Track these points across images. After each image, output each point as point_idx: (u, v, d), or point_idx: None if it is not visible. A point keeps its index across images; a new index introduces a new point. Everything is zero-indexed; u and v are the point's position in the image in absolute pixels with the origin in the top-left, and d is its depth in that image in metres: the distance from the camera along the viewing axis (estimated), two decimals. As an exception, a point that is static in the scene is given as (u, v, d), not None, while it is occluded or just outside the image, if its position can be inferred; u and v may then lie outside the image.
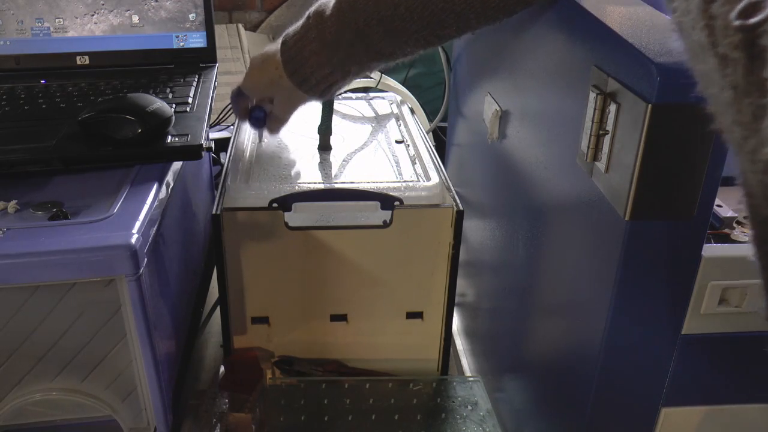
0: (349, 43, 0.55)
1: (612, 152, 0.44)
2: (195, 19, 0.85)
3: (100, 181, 0.62)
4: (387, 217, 0.68)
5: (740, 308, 0.47)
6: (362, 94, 1.02)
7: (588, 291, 0.49)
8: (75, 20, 0.83)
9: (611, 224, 0.44)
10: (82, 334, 0.56)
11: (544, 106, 0.58)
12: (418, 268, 0.71)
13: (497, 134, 0.70)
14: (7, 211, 0.56)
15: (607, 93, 0.43)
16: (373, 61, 0.57)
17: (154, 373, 0.58)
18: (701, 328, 0.48)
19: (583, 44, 0.48)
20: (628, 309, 0.45)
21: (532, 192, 0.61)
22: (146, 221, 0.56)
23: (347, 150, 0.81)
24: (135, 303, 0.54)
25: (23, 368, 0.56)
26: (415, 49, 0.56)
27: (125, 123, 0.62)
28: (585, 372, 0.49)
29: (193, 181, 0.81)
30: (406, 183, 0.72)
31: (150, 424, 0.61)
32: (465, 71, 0.89)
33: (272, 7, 1.63)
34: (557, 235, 0.56)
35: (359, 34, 0.54)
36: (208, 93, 0.77)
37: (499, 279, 0.75)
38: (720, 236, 0.51)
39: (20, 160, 0.60)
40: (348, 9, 0.54)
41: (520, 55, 0.50)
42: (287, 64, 0.60)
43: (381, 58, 0.57)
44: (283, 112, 0.67)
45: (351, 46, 0.55)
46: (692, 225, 0.43)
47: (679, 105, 0.39)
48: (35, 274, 0.52)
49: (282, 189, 0.69)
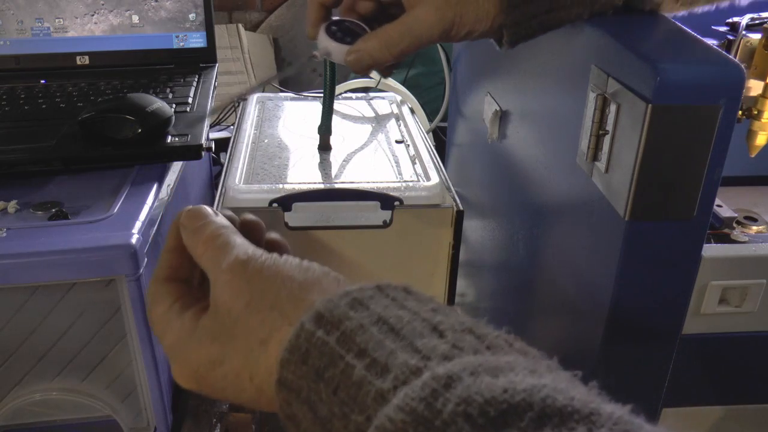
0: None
1: (612, 152, 0.44)
2: (195, 19, 0.85)
3: (100, 181, 0.62)
4: (387, 217, 0.68)
5: (740, 308, 0.47)
6: (362, 94, 1.02)
7: (588, 291, 0.49)
8: (75, 20, 0.83)
9: (611, 224, 0.44)
10: (82, 334, 0.56)
11: (544, 106, 0.58)
12: (418, 268, 0.71)
13: (497, 134, 0.70)
14: (7, 211, 0.56)
15: (607, 93, 0.43)
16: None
17: (154, 373, 0.58)
18: (701, 328, 0.48)
19: (583, 44, 0.48)
20: (628, 309, 0.45)
21: (532, 192, 0.61)
22: (146, 221, 0.56)
23: (347, 150, 0.81)
24: (135, 303, 0.54)
25: (23, 368, 0.56)
26: None
27: (125, 123, 0.62)
28: (585, 371, 0.49)
29: (193, 181, 0.81)
30: (406, 183, 0.72)
31: (150, 424, 0.61)
32: (465, 71, 0.89)
33: (272, 7, 1.63)
34: (557, 235, 0.56)
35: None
36: (208, 93, 0.77)
37: (499, 279, 0.75)
38: (720, 236, 0.51)
39: (20, 160, 0.60)
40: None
41: (520, 55, 0.50)
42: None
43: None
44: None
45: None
46: (692, 225, 0.43)
47: (679, 105, 0.39)
48: (35, 274, 0.52)
49: (282, 189, 0.69)
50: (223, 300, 0.32)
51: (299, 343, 0.29)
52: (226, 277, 0.33)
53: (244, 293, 0.32)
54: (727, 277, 0.46)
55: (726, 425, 0.52)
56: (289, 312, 0.31)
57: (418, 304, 0.29)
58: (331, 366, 0.27)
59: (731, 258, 0.46)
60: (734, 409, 0.52)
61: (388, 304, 0.29)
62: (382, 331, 0.28)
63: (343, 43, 0.49)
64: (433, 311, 0.29)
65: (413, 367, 0.25)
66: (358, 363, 0.27)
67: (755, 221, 0.54)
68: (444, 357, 0.25)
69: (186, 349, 0.34)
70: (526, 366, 0.25)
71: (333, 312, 0.29)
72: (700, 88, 0.39)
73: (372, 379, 0.26)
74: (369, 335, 0.27)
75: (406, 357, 0.26)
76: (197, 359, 0.33)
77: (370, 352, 0.27)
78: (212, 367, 0.33)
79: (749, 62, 0.56)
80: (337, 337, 0.28)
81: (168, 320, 0.35)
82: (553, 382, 0.23)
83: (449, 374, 0.24)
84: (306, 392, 0.28)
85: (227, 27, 1.56)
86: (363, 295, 0.30)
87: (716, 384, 0.51)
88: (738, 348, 0.49)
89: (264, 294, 0.32)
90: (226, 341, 0.32)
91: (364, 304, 0.29)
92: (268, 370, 0.30)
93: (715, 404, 0.52)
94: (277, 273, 0.33)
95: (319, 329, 0.28)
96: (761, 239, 0.50)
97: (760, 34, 0.55)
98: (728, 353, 0.49)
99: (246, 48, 1.53)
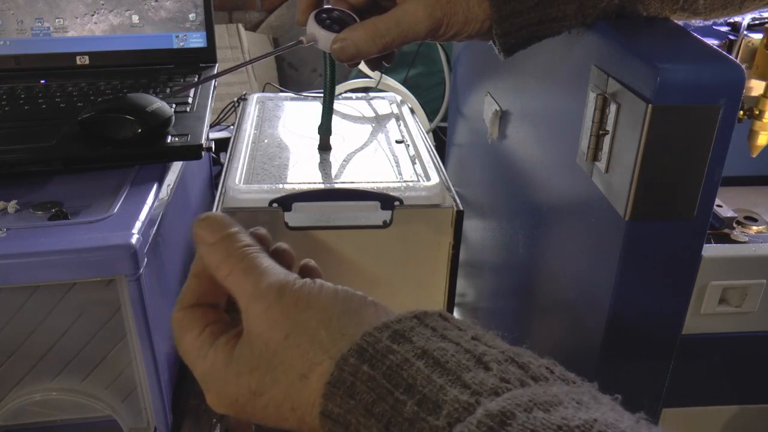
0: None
1: (612, 152, 0.44)
2: (195, 19, 0.85)
3: (100, 181, 0.62)
4: (387, 217, 0.68)
5: (740, 308, 0.47)
6: (362, 94, 1.02)
7: (588, 291, 0.49)
8: (75, 20, 0.83)
9: (611, 224, 0.44)
10: (82, 334, 0.56)
11: (544, 106, 0.58)
12: (418, 269, 0.71)
13: (497, 134, 0.70)
14: (7, 211, 0.56)
15: (607, 93, 0.43)
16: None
17: (154, 373, 0.58)
18: (701, 328, 0.48)
19: (583, 44, 0.48)
20: (627, 309, 0.45)
21: (532, 192, 0.61)
22: (146, 221, 0.56)
23: (347, 150, 0.81)
24: (135, 303, 0.54)
25: (23, 368, 0.56)
26: None
27: (125, 123, 0.62)
28: (585, 372, 0.49)
29: (193, 181, 0.81)
30: (406, 183, 0.72)
31: (150, 424, 0.61)
32: (465, 71, 0.89)
33: (272, 7, 1.63)
34: (557, 235, 0.56)
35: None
36: (208, 93, 0.77)
37: (499, 279, 0.75)
38: (720, 236, 0.51)
39: (20, 160, 0.60)
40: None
41: (520, 55, 0.50)
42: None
43: None
44: None
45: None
46: (692, 225, 0.43)
47: (679, 105, 0.39)
48: (35, 274, 0.52)
49: (282, 189, 0.69)
50: (260, 332, 0.32)
51: (343, 377, 0.29)
52: (260, 307, 0.32)
53: (281, 326, 0.31)
54: (727, 277, 0.46)
55: (726, 425, 0.52)
56: (328, 345, 0.30)
57: (458, 333, 0.30)
58: (381, 401, 0.27)
59: (731, 258, 0.46)
60: (734, 409, 0.52)
61: (429, 336, 0.29)
62: (428, 365, 0.28)
63: (330, 31, 0.49)
64: (474, 340, 0.29)
65: (464, 403, 0.26)
66: (409, 399, 0.27)
67: (755, 221, 0.54)
68: (493, 391, 0.26)
69: (222, 380, 0.33)
70: (573, 397, 0.25)
71: (375, 346, 0.29)
72: (700, 88, 0.39)
73: (425, 416, 0.26)
74: (416, 370, 0.28)
75: (456, 393, 0.26)
76: (236, 390, 0.33)
77: (419, 387, 0.27)
78: (252, 397, 0.32)
79: (750, 62, 0.56)
80: (383, 371, 0.28)
81: (198, 349, 0.34)
82: (602, 414, 0.24)
83: (503, 411, 0.24)
84: (355, 426, 0.28)
85: (227, 27, 1.56)
86: (403, 327, 0.30)
87: (716, 384, 0.51)
88: (738, 348, 0.49)
89: (302, 327, 0.31)
90: (264, 372, 0.32)
91: (406, 337, 0.29)
92: (310, 402, 0.30)
93: (716, 404, 0.52)
94: (313, 303, 0.32)
95: (363, 363, 0.28)
96: (761, 239, 0.50)
97: (761, 34, 0.55)
98: (728, 353, 0.49)
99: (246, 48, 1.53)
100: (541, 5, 0.45)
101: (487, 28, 0.48)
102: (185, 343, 0.35)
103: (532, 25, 0.46)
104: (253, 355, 0.32)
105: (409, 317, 0.30)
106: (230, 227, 0.35)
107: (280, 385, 0.31)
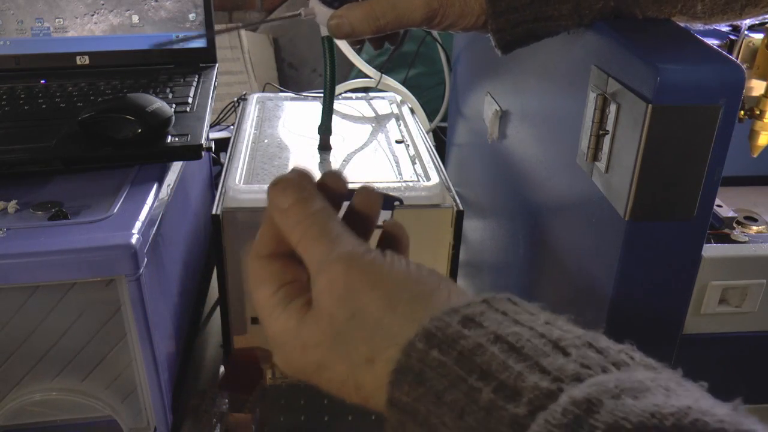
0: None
1: (612, 152, 0.44)
2: (195, 19, 0.85)
3: (100, 181, 0.62)
4: (387, 217, 0.68)
5: (740, 308, 0.47)
6: (362, 94, 1.02)
7: (588, 291, 0.49)
8: (75, 20, 0.83)
9: (611, 224, 0.44)
10: (82, 334, 0.56)
11: (544, 106, 0.58)
12: (418, 268, 0.71)
13: (497, 134, 0.70)
14: (7, 211, 0.56)
15: (607, 93, 0.43)
16: None
17: (154, 373, 0.58)
18: (701, 328, 0.48)
19: (583, 44, 0.48)
20: (628, 309, 0.45)
21: (532, 192, 0.61)
22: (146, 221, 0.56)
23: (347, 150, 0.81)
24: (135, 303, 0.54)
25: (23, 368, 0.56)
26: None
27: (125, 123, 0.62)
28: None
29: (193, 181, 0.81)
30: (406, 183, 0.72)
31: (150, 424, 0.61)
32: (465, 71, 0.89)
33: (272, 7, 1.63)
34: (557, 235, 0.56)
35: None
36: (208, 93, 0.77)
37: (499, 279, 0.75)
38: (720, 236, 0.51)
39: (20, 160, 0.60)
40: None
41: (520, 55, 0.50)
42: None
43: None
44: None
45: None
46: (692, 225, 0.43)
47: (680, 105, 0.39)
48: (35, 274, 0.52)
49: (282, 189, 0.69)
50: (325, 306, 0.31)
51: (411, 363, 0.27)
52: (326, 278, 0.31)
53: (346, 305, 0.30)
54: (727, 277, 0.46)
55: (726, 425, 0.52)
56: (396, 331, 0.29)
57: (530, 317, 0.28)
58: (453, 388, 0.26)
59: (731, 258, 0.46)
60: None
61: (501, 321, 0.28)
62: (503, 351, 0.26)
63: (330, 7, 0.50)
64: (547, 324, 0.28)
65: (546, 390, 0.24)
66: (484, 386, 0.25)
67: (755, 221, 0.54)
68: (575, 377, 0.24)
69: (290, 349, 0.33)
70: (659, 383, 0.24)
71: (445, 331, 0.27)
72: (701, 88, 0.39)
73: (503, 404, 0.24)
74: (490, 355, 0.26)
75: (536, 379, 0.24)
76: (303, 361, 0.32)
77: (494, 373, 0.25)
78: (317, 370, 0.32)
79: (751, 62, 0.55)
80: (455, 357, 0.26)
81: (272, 308, 0.33)
82: (694, 401, 0.22)
83: (589, 398, 0.22)
84: (424, 416, 0.26)
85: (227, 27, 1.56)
86: (473, 311, 0.28)
87: (716, 384, 0.50)
88: (738, 348, 0.49)
89: (367, 310, 0.30)
90: (328, 349, 0.31)
91: (477, 322, 0.28)
92: (376, 386, 0.29)
93: (716, 404, 0.52)
94: (381, 282, 0.30)
95: (432, 349, 0.27)
96: (761, 239, 0.50)
97: (762, 34, 0.55)
98: (728, 353, 0.49)
99: (246, 48, 1.53)
100: (536, 3, 0.46)
101: (483, 23, 0.48)
102: (259, 297, 0.34)
103: (527, 22, 0.46)
104: (319, 330, 0.31)
105: (477, 301, 0.29)
106: (303, 191, 0.34)
107: (344, 364, 0.31)
